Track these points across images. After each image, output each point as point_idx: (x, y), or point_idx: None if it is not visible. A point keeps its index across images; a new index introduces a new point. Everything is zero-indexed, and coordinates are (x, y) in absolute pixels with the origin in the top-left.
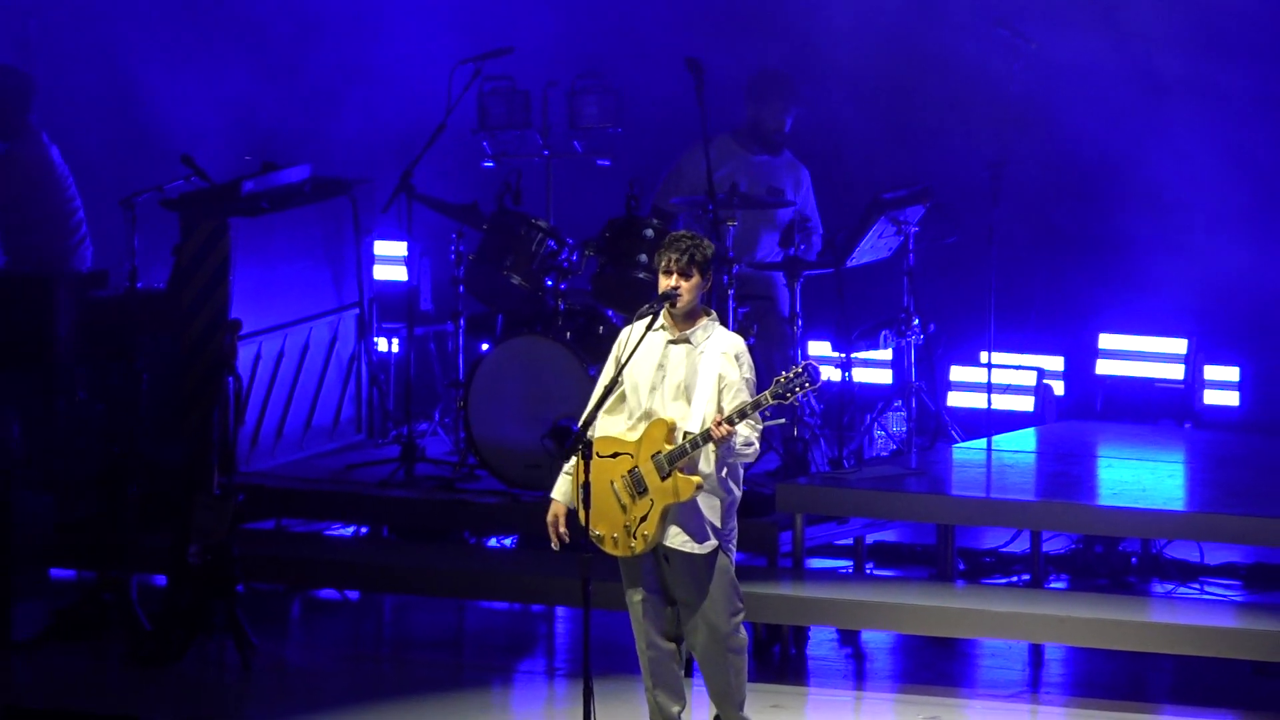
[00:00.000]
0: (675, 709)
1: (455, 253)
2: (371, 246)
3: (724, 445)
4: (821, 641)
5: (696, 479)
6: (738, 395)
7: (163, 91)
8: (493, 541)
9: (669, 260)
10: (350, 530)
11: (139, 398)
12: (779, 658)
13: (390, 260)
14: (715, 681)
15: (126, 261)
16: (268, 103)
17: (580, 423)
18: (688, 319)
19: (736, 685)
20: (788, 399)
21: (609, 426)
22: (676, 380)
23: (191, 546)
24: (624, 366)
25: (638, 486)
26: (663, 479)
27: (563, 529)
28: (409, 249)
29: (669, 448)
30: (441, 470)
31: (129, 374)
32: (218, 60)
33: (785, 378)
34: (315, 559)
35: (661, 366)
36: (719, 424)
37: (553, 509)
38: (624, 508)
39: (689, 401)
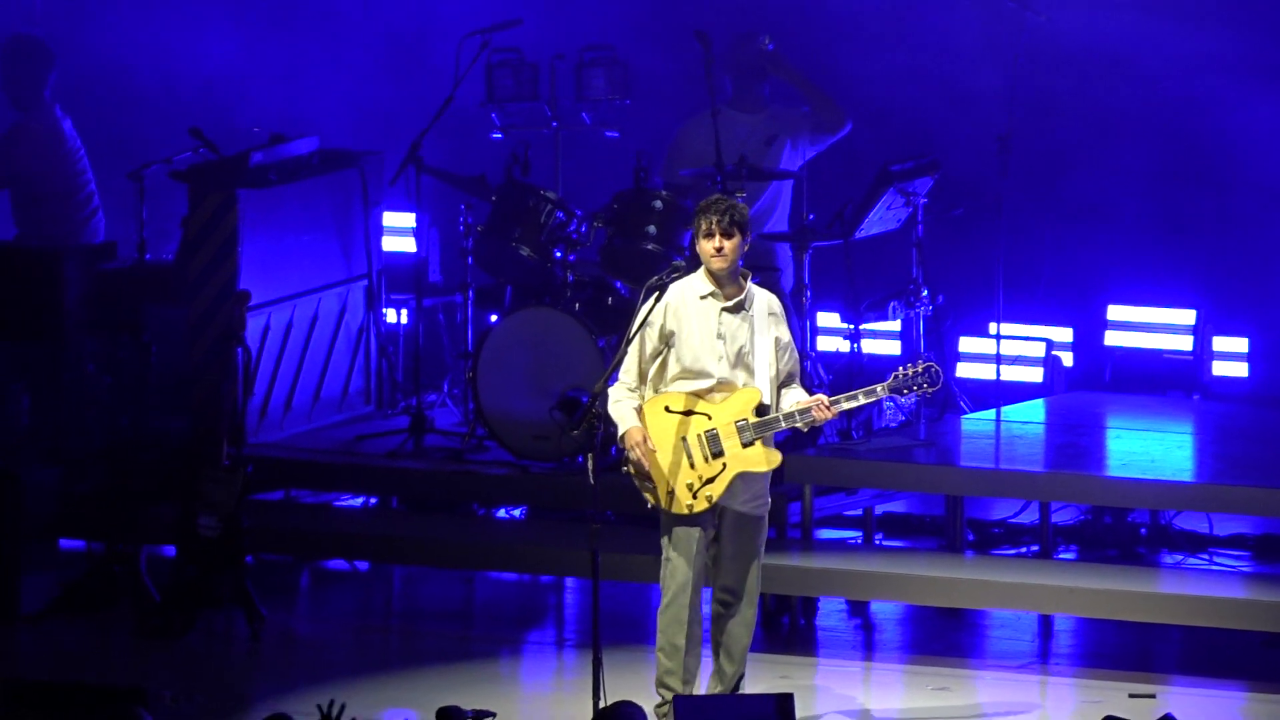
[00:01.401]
0: (695, 675)
1: (464, 224)
2: (380, 218)
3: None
4: (830, 612)
5: (779, 453)
6: (791, 356)
7: (170, 63)
8: (502, 513)
9: (709, 223)
10: (359, 501)
11: (147, 370)
12: (788, 628)
13: (399, 232)
14: (739, 641)
15: (135, 233)
16: (276, 74)
17: (594, 390)
18: (733, 282)
19: (748, 647)
20: (903, 394)
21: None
22: (737, 347)
23: (201, 518)
24: (639, 330)
25: (713, 447)
26: (744, 446)
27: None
28: (417, 220)
29: (756, 419)
30: (450, 441)
31: (137, 346)
32: (224, 31)
33: (906, 373)
34: (324, 530)
35: (721, 336)
36: (825, 407)
37: (635, 431)
38: (692, 465)
39: (749, 367)
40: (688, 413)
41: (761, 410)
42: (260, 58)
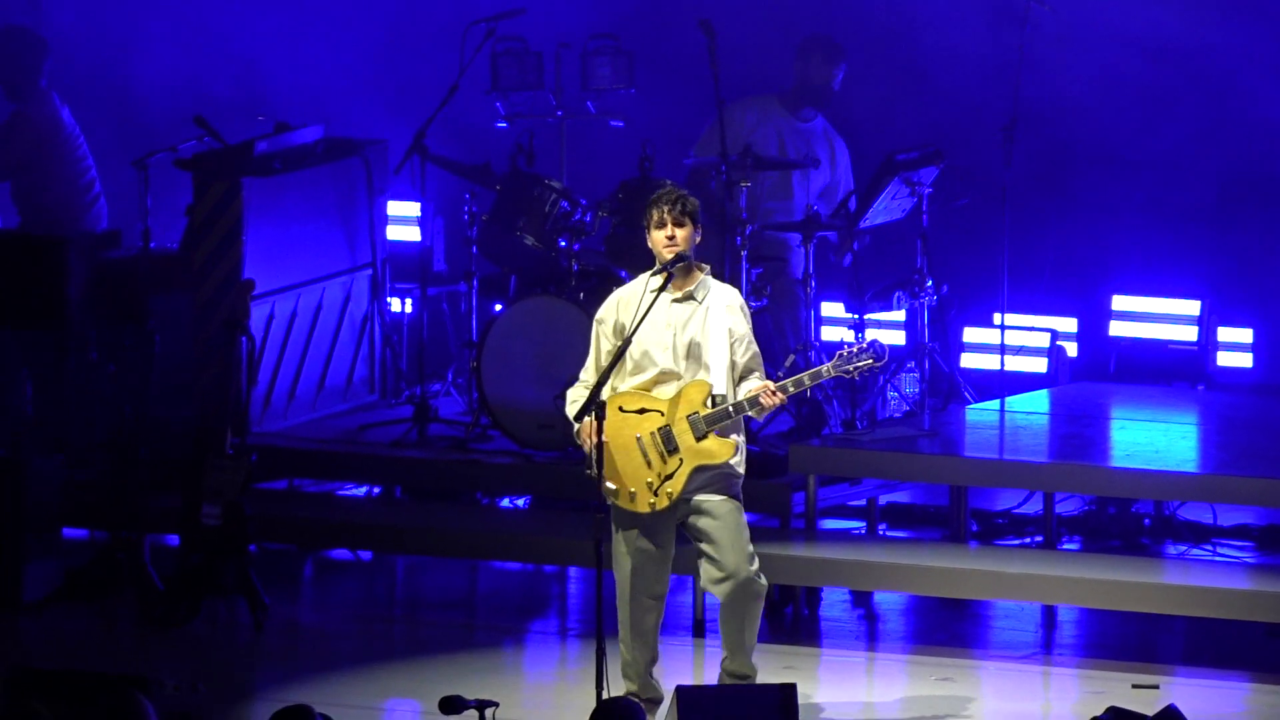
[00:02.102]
0: (649, 662)
1: (468, 213)
2: (385, 207)
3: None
4: (834, 603)
5: (733, 441)
6: (748, 349)
7: (174, 51)
8: (505, 502)
9: (662, 213)
10: (363, 491)
11: (151, 359)
12: (791, 619)
13: (403, 220)
14: (734, 629)
15: (139, 222)
16: (279, 63)
17: (591, 387)
18: (686, 274)
19: (754, 631)
20: (850, 374)
21: (620, 385)
22: (687, 339)
23: (205, 507)
24: (635, 330)
25: (668, 444)
26: (698, 439)
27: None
28: (422, 209)
29: (707, 410)
30: (454, 431)
31: (141, 335)
32: (228, 19)
33: (850, 352)
34: (327, 519)
35: (670, 325)
36: (772, 393)
37: (583, 428)
38: (649, 464)
39: (699, 359)
40: (641, 411)
41: (715, 402)
42: (264, 48)
